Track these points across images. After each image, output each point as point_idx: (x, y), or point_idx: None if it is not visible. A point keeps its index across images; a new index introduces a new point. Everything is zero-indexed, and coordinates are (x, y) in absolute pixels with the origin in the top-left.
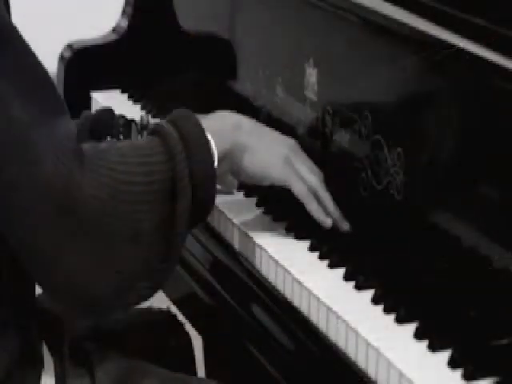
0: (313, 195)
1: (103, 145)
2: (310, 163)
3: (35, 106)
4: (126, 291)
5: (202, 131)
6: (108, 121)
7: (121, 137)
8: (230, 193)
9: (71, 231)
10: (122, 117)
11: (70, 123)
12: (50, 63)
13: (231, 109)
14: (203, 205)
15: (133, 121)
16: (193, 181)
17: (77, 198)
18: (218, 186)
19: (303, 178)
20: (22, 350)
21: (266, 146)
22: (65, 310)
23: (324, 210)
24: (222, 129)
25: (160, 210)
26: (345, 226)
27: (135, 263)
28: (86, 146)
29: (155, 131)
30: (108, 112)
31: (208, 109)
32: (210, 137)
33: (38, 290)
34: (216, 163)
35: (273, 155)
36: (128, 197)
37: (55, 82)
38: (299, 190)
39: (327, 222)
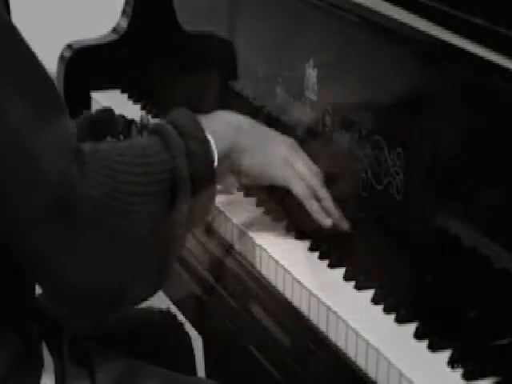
0: (312, 195)
1: (103, 145)
2: (309, 163)
3: (35, 105)
4: (124, 291)
5: (201, 130)
6: (108, 121)
7: (121, 137)
8: (229, 193)
9: (70, 229)
10: (122, 117)
11: (69, 122)
12: (50, 63)
13: (231, 109)
14: (203, 204)
15: (133, 121)
16: (192, 180)
17: (74, 196)
18: (219, 186)
19: (303, 178)
20: (21, 351)
21: (265, 146)
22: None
23: (324, 210)
24: (221, 129)
25: (159, 210)
26: (344, 225)
27: (133, 262)
28: (86, 146)
29: (155, 131)
30: (108, 112)
31: (208, 109)
32: (209, 137)
33: (38, 291)
34: (216, 163)
35: (272, 155)
36: (127, 197)
37: (55, 82)
38: (299, 190)
39: (327, 222)
